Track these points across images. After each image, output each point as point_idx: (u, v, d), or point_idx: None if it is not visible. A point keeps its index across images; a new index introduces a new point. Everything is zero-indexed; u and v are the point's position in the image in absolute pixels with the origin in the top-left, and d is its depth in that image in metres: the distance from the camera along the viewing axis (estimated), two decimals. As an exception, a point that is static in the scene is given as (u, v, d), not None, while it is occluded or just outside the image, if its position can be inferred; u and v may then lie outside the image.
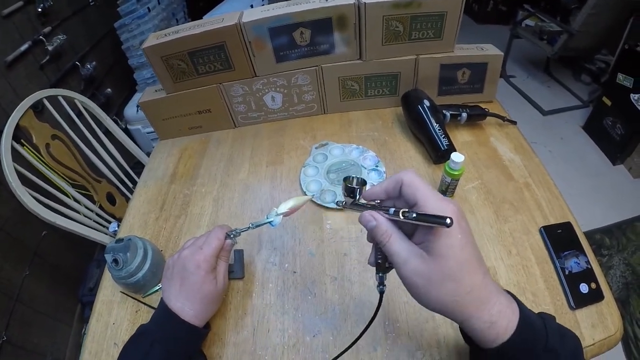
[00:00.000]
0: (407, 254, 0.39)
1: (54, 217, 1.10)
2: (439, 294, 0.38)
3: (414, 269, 0.38)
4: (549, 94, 2.82)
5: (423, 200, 0.39)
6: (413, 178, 0.41)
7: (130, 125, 2.13)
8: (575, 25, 2.27)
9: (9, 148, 1.06)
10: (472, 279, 0.37)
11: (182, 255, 0.59)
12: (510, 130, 0.96)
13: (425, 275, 0.38)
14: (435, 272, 0.37)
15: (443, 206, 0.37)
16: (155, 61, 0.92)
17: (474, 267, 0.38)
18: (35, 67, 1.58)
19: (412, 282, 0.39)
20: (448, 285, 0.37)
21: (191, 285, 0.56)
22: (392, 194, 0.43)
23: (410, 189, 0.40)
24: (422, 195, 0.39)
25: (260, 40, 0.90)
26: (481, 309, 0.38)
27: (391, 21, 0.88)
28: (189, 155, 1.04)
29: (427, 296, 0.39)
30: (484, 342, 0.39)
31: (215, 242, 0.60)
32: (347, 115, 1.07)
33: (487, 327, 0.38)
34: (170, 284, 0.58)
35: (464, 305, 0.38)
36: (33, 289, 1.43)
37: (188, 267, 0.57)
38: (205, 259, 0.58)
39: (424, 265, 0.38)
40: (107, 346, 0.66)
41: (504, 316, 0.38)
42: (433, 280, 0.37)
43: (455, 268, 0.37)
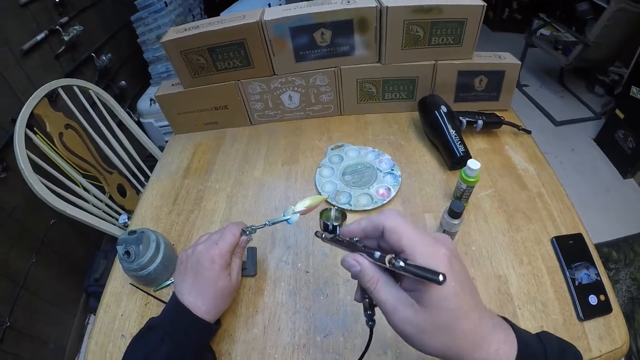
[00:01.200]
0: (395, 302, 0.36)
1: (64, 206, 1.10)
2: (432, 343, 0.35)
3: (404, 318, 0.35)
4: (562, 104, 2.81)
5: (410, 247, 0.35)
6: (396, 223, 0.37)
7: (142, 119, 2.13)
8: (591, 37, 2.26)
9: (22, 135, 1.07)
10: (468, 324, 0.35)
11: (196, 250, 0.59)
12: (525, 139, 0.96)
13: (416, 325, 0.35)
14: (427, 322, 0.35)
15: (433, 252, 0.35)
16: (174, 55, 0.92)
17: (469, 311, 0.35)
18: (51, 57, 1.58)
19: (402, 331, 0.36)
20: (441, 334, 0.35)
21: (205, 280, 0.56)
22: (371, 234, 0.40)
23: (394, 236, 0.37)
24: (408, 242, 0.36)
25: (280, 39, 0.90)
26: (477, 350, 0.35)
27: (412, 26, 0.88)
28: (203, 151, 1.04)
29: (420, 344, 0.36)
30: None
31: (230, 238, 0.59)
32: (364, 117, 1.07)
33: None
34: (184, 278, 0.57)
35: (459, 349, 0.35)
36: (39, 276, 1.44)
37: (202, 262, 0.57)
38: (221, 254, 0.58)
39: (414, 315, 0.35)
40: (114, 337, 0.66)
41: (502, 353, 0.36)
42: (425, 330, 0.35)
43: (448, 317, 0.34)
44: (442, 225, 0.69)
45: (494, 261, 0.70)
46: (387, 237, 0.37)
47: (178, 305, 0.55)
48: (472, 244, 0.73)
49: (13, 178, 1.33)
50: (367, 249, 0.39)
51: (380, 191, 0.83)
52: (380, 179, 0.86)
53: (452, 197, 0.81)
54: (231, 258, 0.60)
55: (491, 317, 0.37)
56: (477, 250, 0.72)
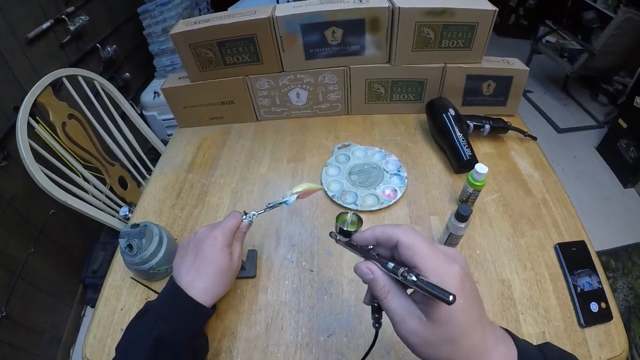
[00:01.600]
0: (404, 313, 0.36)
1: (65, 197, 1.09)
2: (436, 354, 0.36)
3: (410, 329, 0.36)
4: (565, 112, 2.81)
5: (423, 264, 0.36)
6: (411, 239, 0.37)
7: (145, 112, 2.12)
8: (597, 45, 2.26)
9: (25, 123, 1.06)
10: (472, 339, 0.35)
11: (199, 232, 0.59)
12: (531, 145, 0.96)
13: (422, 336, 0.36)
14: (433, 335, 0.35)
15: (446, 270, 0.35)
16: (182, 48, 0.92)
17: (475, 328, 0.36)
18: (56, 46, 1.57)
19: (408, 341, 0.37)
20: (445, 348, 0.35)
21: (205, 257, 0.56)
22: (383, 244, 0.40)
23: (408, 252, 0.37)
24: (421, 259, 0.36)
25: (291, 35, 0.89)
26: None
27: (423, 28, 0.87)
28: (208, 145, 1.03)
29: (423, 355, 0.37)
30: None
31: (232, 220, 0.60)
32: (370, 117, 1.06)
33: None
34: (183, 259, 0.57)
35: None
36: (36, 266, 1.43)
37: (204, 240, 0.57)
38: (223, 233, 0.58)
39: (421, 328, 0.35)
40: (114, 331, 0.65)
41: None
42: (430, 343, 0.35)
43: (454, 332, 0.35)
44: (448, 228, 0.68)
45: (497, 265, 0.70)
46: (401, 252, 0.38)
47: (174, 287, 0.55)
48: (477, 247, 0.73)
49: (14, 167, 1.33)
50: (380, 258, 0.39)
51: (386, 192, 0.83)
52: (387, 180, 0.85)
53: (457, 201, 0.81)
54: (233, 240, 0.60)
55: (494, 332, 0.38)
56: (481, 254, 0.72)
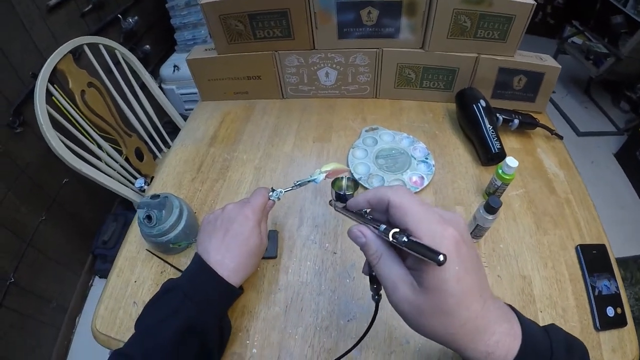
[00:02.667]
0: (395, 280, 0.35)
1: (80, 165, 1.09)
2: (429, 326, 0.34)
3: (403, 297, 0.34)
4: (586, 115, 2.76)
5: (414, 224, 0.34)
6: (402, 198, 0.35)
7: (164, 85, 2.11)
8: (625, 51, 2.21)
9: (44, 88, 1.05)
10: (469, 311, 0.33)
11: (227, 208, 0.57)
12: (557, 144, 0.94)
13: (414, 305, 0.34)
14: (426, 304, 0.33)
15: (439, 231, 0.33)
16: (212, 19, 0.90)
17: (472, 298, 0.33)
18: (77, 15, 1.55)
19: (399, 310, 0.35)
20: (440, 319, 0.33)
21: (237, 236, 0.54)
22: (376, 207, 0.39)
23: (398, 212, 0.35)
24: (412, 220, 0.34)
25: (326, 12, 0.87)
26: (476, 340, 0.34)
27: (460, 15, 0.85)
28: (231, 120, 1.01)
29: (417, 325, 0.35)
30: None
31: (260, 198, 0.59)
32: (399, 102, 1.04)
33: (483, 357, 0.34)
34: (212, 236, 0.55)
35: (458, 337, 0.34)
36: (47, 235, 1.43)
37: (236, 218, 0.56)
38: (254, 211, 0.56)
39: (413, 296, 0.33)
40: (126, 304, 0.64)
41: (502, 346, 0.34)
42: (423, 312, 0.33)
43: (448, 302, 0.32)
44: (475, 219, 0.67)
45: (519, 261, 0.69)
46: (392, 212, 0.36)
47: (202, 265, 0.52)
48: (501, 241, 0.72)
49: (29, 134, 1.32)
50: (375, 222, 0.37)
51: (413, 179, 0.81)
52: (414, 167, 0.84)
53: (484, 193, 0.79)
54: (262, 218, 0.59)
55: (496, 307, 0.35)
56: (504, 248, 0.71)
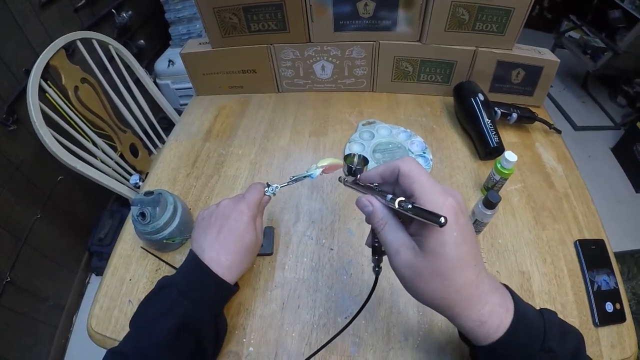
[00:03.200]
0: (398, 245, 0.38)
1: (75, 162, 1.07)
2: (427, 289, 0.37)
3: (404, 260, 0.37)
4: (583, 110, 2.76)
5: (420, 192, 0.37)
6: (411, 168, 0.38)
7: (159, 80, 2.09)
8: (622, 45, 2.21)
9: (37, 85, 1.03)
10: (464, 277, 0.36)
11: (222, 204, 0.57)
12: (555, 138, 0.94)
13: (414, 268, 0.37)
14: (424, 267, 0.36)
15: (441, 200, 0.35)
16: (206, 11, 0.88)
17: (467, 266, 0.36)
18: (70, 10, 1.53)
19: (401, 274, 0.38)
20: (437, 282, 0.36)
21: (232, 232, 0.54)
22: (388, 179, 0.41)
23: (407, 180, 0.38)
24: (419, 187, 0.37)
25: (322, 5, 0.86)
26: (470, 308, 0.36)
27: (458, 8, 0.84)
28: (226, 115, 1.00)
29: (415, 289, 0.38)
30: (475, 340, 0.38)
31: (256, 194, 0.58)
32: (395, 96, 1.04)
33: (476, 325, 0.37)
34: (206, 233, 0.54)
35: (453, 303, 0.36)
36: (42, 233, 1.42)
37: (230, 214, 0.55)
38: (249, 207, 0.56)
39: (414, 259, 0.36)
40: (121, 302, 0.63)
41: (495, 316, 0.37)
42: (421, 275, 0.36)
43: (445, 266, 0.35)
44: (474, 214, 0.67)
45: (518, 256, 0.68)
46: (401, 180, 0.39)
47: (196, 262, 0.52)
48: (499, 237, 0.71)
49: (23, 131, 1.31)
50: (383, 192, 0.40)
51: (411, 173, 0.80)
52: (411, 162, 0.83)
53: (482, 188, 0.79)
54: (257, 214, 0.58)
55: (491, 281, 0.38)
56: (503, 243, 0.70)
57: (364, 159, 0.46)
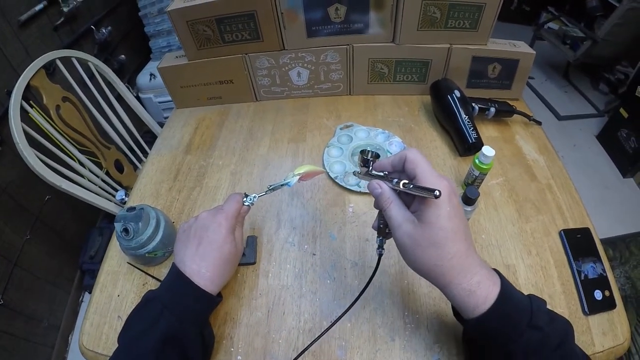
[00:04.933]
0: (401, 219, 0.44)
1: (60, 181, 1.07)
2: (424, 257, 0.42)
3: (405, 231, 0.43)
4: (566, 100, 2.79)
5: (421, 175, 0.43)
6: (416, 156, 0.44)
7: (142, 94, 2.09)
8: (600, 33, 2.23)
9: (18, 106, 1.03)
10: (455, 247, 0.41)
11: (200, 217, 0.57)
12: (535, 130, 0.94)
13: (413, 238, 0.42)
14: (423, 236, 0.41)
15: (437, 182, 0.42)
16: (179, 25, 0.89)
17: (459, 238, 0.41)
18: (49, 28, 1.53)
19: (402, 243, 0.44)
20: (432, 250, 0.41)
21: (211, 244, 0.54)
22: (397, 167, 0.47)
23: (412, 165, 0.44)
24: (421, 171, 0.43)
25: (293, 12, 0.86)
26: (460, 276, 0.41)
27: (429, 6, 0.85)
28: (206, 126, 1.00)
29: (414, 257, 0.43)
30: (465, 311, 0.42)
31: (234, 204, 0.58)
32: (373, 98, 1.04)
33: (466, 294, 0.41)
34: (187, 246, 0.55)
35: (445, 270, 0.41)
36: (33, 253, 1.41)
37: (209, 226, 0.55)
38: (227, 218, 0.56)
39: (414, 230, 0.42)
40: (110, 319, 0.63)
41: (483, 287, 0.41)
42: (420, 244, 0.42)
43: (440, 235, 0.41)
44: None
45: (503, 250, 0.69)
46: (406, 166, 0.45)
47: (178, 275, 0.52)
48: (482, 232, 0.72)
49: (8, 153, 1.30)
50: (390, 178, 0.47)
51: (390, 174, 0.81)
52: (390, 162, 0.83)
53: (462, 184, 0.79)
54: (235, 225, 0.58)
55: (479, 259, 0.43)
56: (486, 238, 0.70)
57: (376, 154, 0.51)
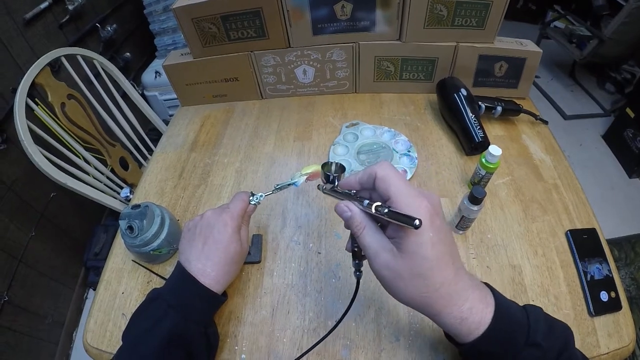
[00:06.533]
0: (377, 248, 0.39)
1: (65, 179, 1.07)
2: (407, 289, 0.38)
3: (383, 262, 0.38)
4: (572, 99, 2.77)
5: (395, 196, 0.38)
6: (387, 172, 0.40)
7: (147, 92, 2.09)
8: (607, 32, 2.21)
9: (23, 104, 1.03)
10: (442, 275, 0.37)
11: (206, 215, 0.57)
12: (542, 129, 0.94)
13: (393, 270, 0.38)
14: (404, 268, 0.37)
15: (416, 203, 0.37)
16: (185, 23, 0.88)
17: (445, 264, 0.37)
18: (55, 26, 1.53)
19: (381, 275, 0.39)
20: (416, 282, 0.37)
21: (216, 243, 0.54)
22: (366, 185, 0.42)
23: (383, 184, 0.39)
24: (395, 190, 0.38)
25: (299, 9, 0.86)
26: (450, 305, 0.37)
27: (436, 4, 0.84)
28: (211, 124, 1.00)
29: (396, 290, 0.39)
30: (459, 337, 0.39)
31: (240, 203, 0.58)
32: (379, 96, 1.04)
33: (457, 322, 0.38)
34: (192, 245, 0.55)
35: (433, 301, 0.37)
36: (38, 250, 1.42)
37: (215, 225, 0.55)
38: (232, 217, 0.56)
39: (393, 261, 0.38)
40: (115, 316, 0.64)
41: (475, 312, 0.38)
42: (401, 276, 0.37)
43: (423, 266, 0.36)
44: (460, 211, 0.66)
45: (509, 250, 0.68)
46: (377, 184, 0.40)
47: (184, 274, 0.52)
48: (488, 231, 0.71)
49: (13, 150, 1.30)
50: (361, 198, 0.41)
51: (396, 172, 0.80)
52: (396, 160, 0.83)
53: (469, 183, 0.79)
54: (241, 224, 0.58)
55: (470, 279, 0.39)
56: (492, 238, 0.70)
57: (341, 167, 0.47)
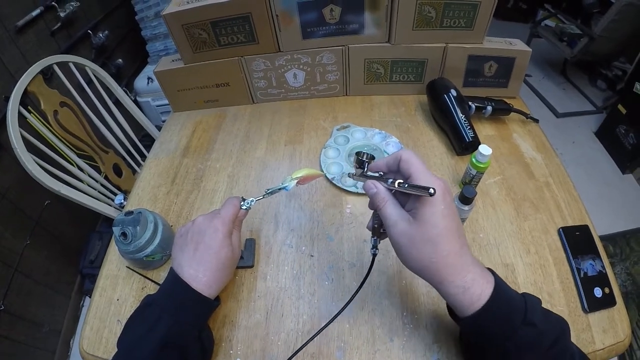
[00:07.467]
0: (397, 218, 0.44)
1: (58, 186, 1.07)
2: (419, 254, 0.42)
3: (400, 230, 0.44)
4: (564, 97, 2.79)
5: (416, 174, 0.44)
6: (410, 156, 0.45)
7: (139, 98, 2.09)
8: (597, 30, 2.23)
9: (15, 112, 1.03)
10: (449, 245, 0.42)
11: (197, 221, 0.57)
12: (533, 128, 0.94)
13: (408, 236, 0.43)
14: (418, 234, 0.42)
15: (432, 181, 0.42)
16: (175, 29, 0.89)
17: (452, 236, 0.42)
18: (46, 34, 1.53)
19: (397, 242, 0.44)
20: (427, 248, 0.42)
21: (207, 249, 0.54)
22: (392, 167, 0.48)
23: (406, 165, 0.45)
24: (415, 170, 0.44)
25: (288, 14, 0.86)
26: (455, 274, 0.42)
27: (424, 6, 0.85)
28: (203, 129, 1.00)
29: (409, 255, 0.43)
30: (460, 309, 0.43)
31: (231, 208, 0.58)
32: (370, 98, 1.04)
33: (460, 292, 0.42)
34: (184, 250, 0.55)
35: (440, 267, 0.42)
36: (33, 258, 1.41)
37: (205, 230, 0.55)
38: (223, 222, 0.56)
39: (409, 228, 0.43)
40: (110, 323, 0.64)
41: (477, 284, 0.42)
42: (415, 242, 0.42)
43: (434, 233, 0.41)
44: None
45: (501, 249, 0.69)
46: (401, 165, 0.46)
47: (176, 279, 0.52)
48: (480, 231, 0.71)
49: (6, 158, 1.30)
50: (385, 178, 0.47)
51: (387, 174, 0.81)
52: (387, 162, 0.83)
53: (460, 183, 0.80)
54: (232, 229, 0.58)
55: (473, 257, 0.44)
56: (484, 237, 0.70)
57: (371, 156, 0.51)
